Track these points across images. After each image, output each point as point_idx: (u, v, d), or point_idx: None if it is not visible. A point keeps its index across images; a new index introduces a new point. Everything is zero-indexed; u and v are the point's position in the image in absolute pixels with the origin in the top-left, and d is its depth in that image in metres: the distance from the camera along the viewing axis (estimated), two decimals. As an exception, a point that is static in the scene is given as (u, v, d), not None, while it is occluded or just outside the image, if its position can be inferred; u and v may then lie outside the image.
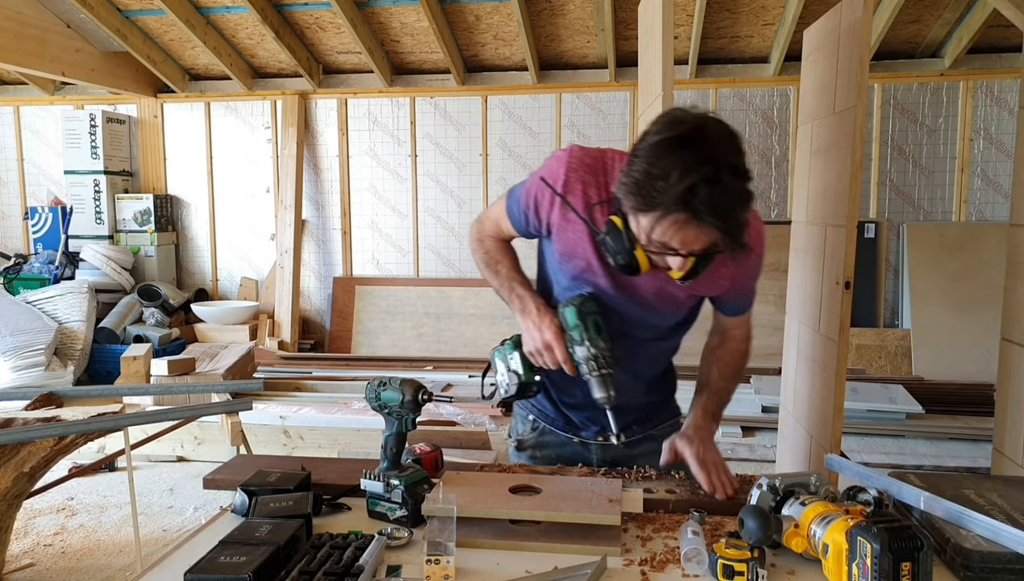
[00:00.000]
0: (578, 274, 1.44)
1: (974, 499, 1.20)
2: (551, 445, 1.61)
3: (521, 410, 1.67)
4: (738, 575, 1.03)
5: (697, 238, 1.19)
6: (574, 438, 1.59)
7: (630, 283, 1.40)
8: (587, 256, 1.41)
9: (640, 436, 1.58)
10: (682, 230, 1.18)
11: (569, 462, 1.57)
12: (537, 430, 1.62)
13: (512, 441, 1.67)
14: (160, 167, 6.26)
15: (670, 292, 1.43)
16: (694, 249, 1.21)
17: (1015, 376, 2.18)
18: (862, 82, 2.05)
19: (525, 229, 1.49)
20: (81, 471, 3.64)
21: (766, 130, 5.51)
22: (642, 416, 1.59)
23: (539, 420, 1.62)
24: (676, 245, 1.20)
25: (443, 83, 5.77)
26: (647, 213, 1.19)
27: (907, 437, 4.15)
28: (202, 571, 1.00)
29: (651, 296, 1.43)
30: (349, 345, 5.93)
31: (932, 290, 5.18)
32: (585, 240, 1.40)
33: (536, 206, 1.43)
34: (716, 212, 1.14)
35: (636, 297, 1.43)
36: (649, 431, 1.60)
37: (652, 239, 1.21)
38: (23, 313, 5.14)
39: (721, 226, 1.16)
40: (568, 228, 1.42)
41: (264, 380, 4.57)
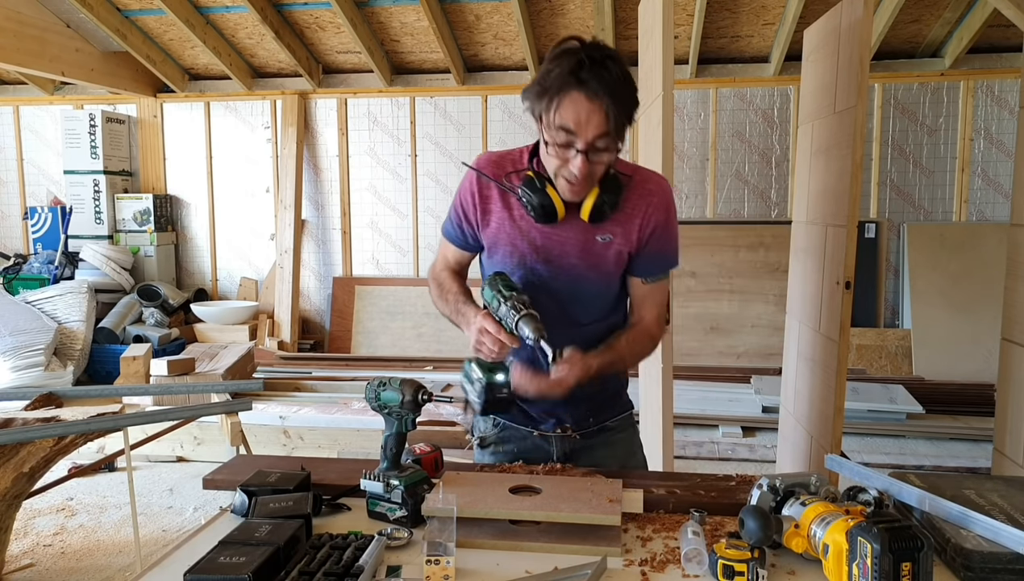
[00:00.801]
0: (507, 259, 1.54)
1: (974, 499, 1.20)
2: (512, 440, 1.63)
3: None
4: (738, 575, 1.03)
5: (590, 116, 1.34)
6: (534, 431, 1.61)
7: (557, 251, 1.50)
8: (511, 237, 1.53)
9: (595, 428, 1.61)
10: (575, 106, 1.34)
11: (530, 456, 1.59)
12: (498, 426, 1.65)
13: (475, 439, 1.69)
14: (160, 167, 6.26)
15: (594, 253, 1.50)
16: (589, 133, 1.35)
17: (1015, 376, 2.18)
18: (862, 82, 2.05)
19: (464, 241, 1.61)
20: (81, 471, 3.64)
21: (766, 130, 5.51)
22: (595, 407, 1.61)
23: (499, 417, 1.65)
24: (573, 125, 1.35)
25: (443, 83, 5.77)
26: (547, 102, 1.37)
27: (907, 437, 4.15)
28: (202, 571, 1.00)
29: (578, 262, 1.51)
30: (349, 345, 5.93)
31: (932, 290, 5.18)
32: (506, 221, 1.53)
33: (463, 210, 1.58)
34: (602, 84, 1.33)
35: (564, 267, 1.51)
36: (604, 422, 1.63)
37: (554, 128, 1.37)
38: (23, 313, 5.14)
39: (608, 101, 1.33)
40: (490, 218, 1.55)
41: (264, 380, 4.57)
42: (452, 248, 1.65)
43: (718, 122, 5.54)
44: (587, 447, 1.60)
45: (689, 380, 4.78)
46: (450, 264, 1.67)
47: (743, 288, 5.40)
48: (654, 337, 1.59)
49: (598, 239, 1.50)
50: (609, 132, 1.36)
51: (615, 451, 1.64)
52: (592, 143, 1.36)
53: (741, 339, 5.37)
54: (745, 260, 5.43)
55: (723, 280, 5.43)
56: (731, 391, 4.68)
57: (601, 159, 1.40)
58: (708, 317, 5.41)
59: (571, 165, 1.39)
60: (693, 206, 5.59)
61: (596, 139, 1.36)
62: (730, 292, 5.41)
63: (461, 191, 1.60)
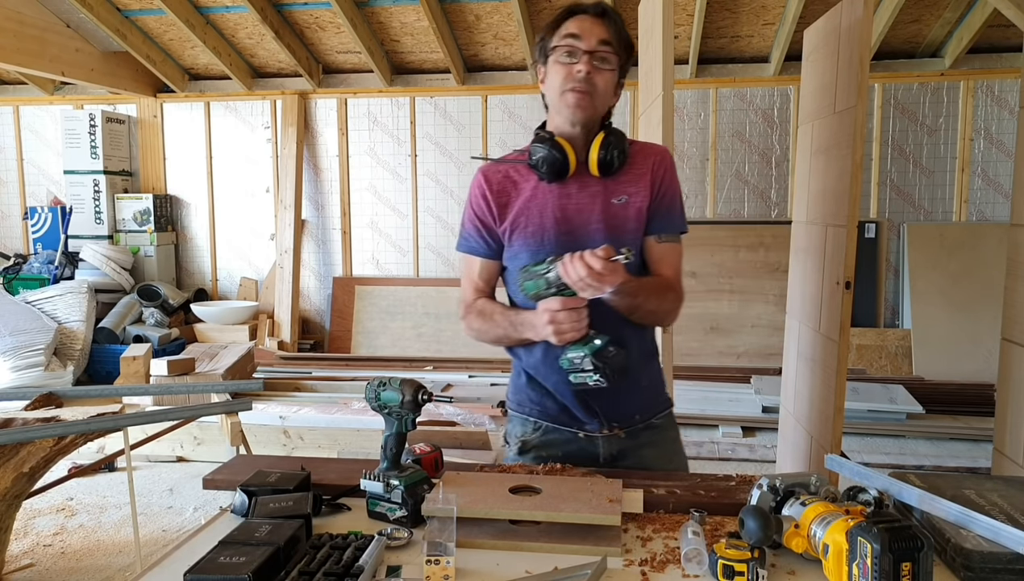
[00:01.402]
0: (530, 241, 1.53)
1: (974, 499, 1.19)
2: (556, 443, 1.60)
3: (520, 412, 1.65)
4: (738, 575, 1.03)
5: (592, 26, 1.47)
6: (579, 433, 1.58)
7: (578, 221, 1.52)
8: (530, 218, 1.53)
9: (641, 425, 1.59)
10: (579, 22, 1.49)
11: (576, 459, 1.56)
12: (540, 430, 1.61)
13: (513, 445, 1.64)
14: (160, 167, 6.26)
15: (614, 214, 1.52)
16: (592, 39, 1.46)
17: (1015, 376, 2.18)
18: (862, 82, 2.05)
19: (487, 248, 1.59)
20: (81, 471, 3.64)
21: (766, 130, 5.50)
22: (640, 403, 1.60)
23: (541, 420, 1.62)
24: (577, 30, 1.47)
25: (443, 83, 5.77)
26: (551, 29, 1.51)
27: (907, 437, 4.15)
28: (202, 571, 1.00)
29: (599, 227, 1.51)
30: (349, 345, 5.92)
31: (932, 290, 5.18)
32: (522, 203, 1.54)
33: (479, 214, 1.58)
34: (603, 9, 1.50)
35: (587, 235, 1.50)
36: (650, 420, 1.61)
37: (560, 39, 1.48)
38: (23, 313, 5.14)
39: (609, 20, 1.49)
40: (507, 209, 1.56)
41: (264, 380, 4.58)
42: (477, 262, 1.61)
43: (718, 122, 5.54)
44: (634, 447, 1.58)
45: (689, 380, 4.78)
46: (479, 286, 1.62)
47: (743, 288, 5.40)
48: (677, 292, 1.57)
49: (614, 202, 1.52)
50: (611, 42, 1.47)
51: (661, 451, 1.62)
52: (595, 48, 1.46)
53: (741, 339, 5.37)
54: (745, 260, 5.43)
55: (723, 280, 5.43)
56: (731, 391, 4.68)
57: (604, 67, 1.47)
58: (708, 317, 5.41)
59: (577, 67, 1.46)
60: (693, 206, 5.59)
61: (599, 44, 1.46)
62: (730, 292, 5.41)
63: (471, 198, 1.61)
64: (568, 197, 1.53)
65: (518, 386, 1.66)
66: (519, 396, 1.66)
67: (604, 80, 1.48)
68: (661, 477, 1.48)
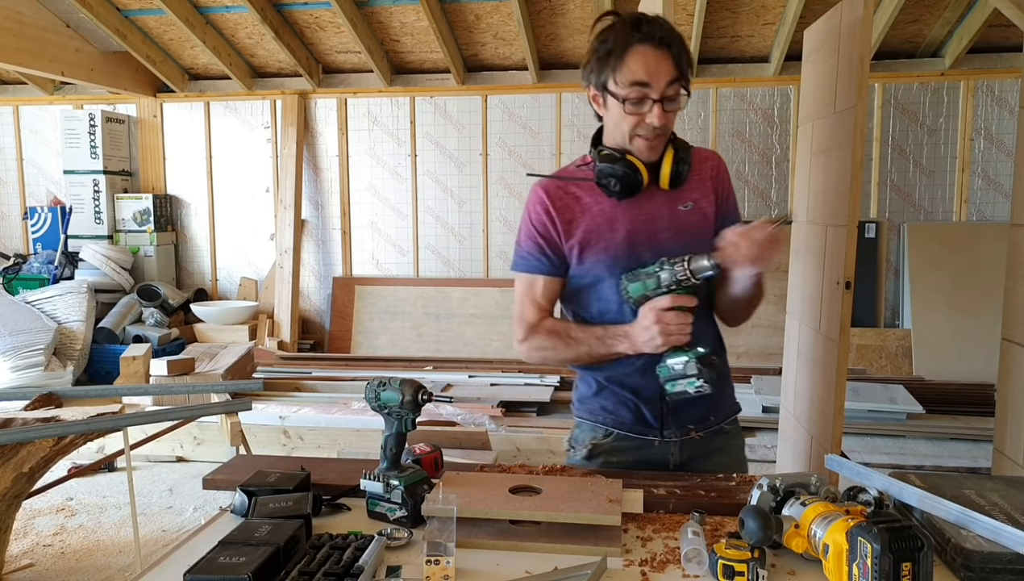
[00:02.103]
0: (603, 256, 1.51)
1: (975, 499, 1.19)
2: (627, 450, 1.58)
3: (590, 419, 1.63)
4: (738, 575, 1.03)
5: (659, 65, 1.40)
6: (655, 440, 1.57)
7: (647, 231, 1.50)
8: (602, 231, 1.51)
9: (715, 429, 1.60)
10: (644, 58, 1.40)
11: (647, 464, 1.56)
12: (611, 436, 1.60)
13: (581, 449, 1.62)
14: (159, 167, 6.26)
15: (682, 221, 1.52)
16: (662, 81, 1.40)
17: (1016, 376, 2.18)
18: (863, 82, 2.05)
19: (551, 266, 1.56)
20: (80, 471, 3.64)
21: (766, 130, 5.50)
22: (716, 405, 1.60)
23: (612, 428, 1.60)
24: (645, 76, 1.40)
25: (443, 83, 5.77)
26: (613, 62, 1.42)
27: (908, 437, 4.15)
28: (201, 571, 1.00)
29: (669, 237, 1.51)
30: (349, 345, 5.92)
31: (932, 290, 5.18)
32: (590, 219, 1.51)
33: (541, 230, 1.54)
34: (665, 34, 1.41)
35: (658, 245, 1.49)
36: (721, 423, 1.62)
37: (626, 86, 1.41)
38: (22, 313, 5.14)
39: (672, 47, 1.41)
40: (573, 226, 1.52)
41: (264, 380, 4.57)
42: (540, 281, 1.56)
43: (718, 122, 5.54)
44: (703, 454, 1.58)
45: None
46: (542, 306, 1.57)
47: (743, 288, 5.39)
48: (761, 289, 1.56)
49: (681, 208, 1.53)
50: (679, 78, 1.43)
51: (729, 458, 1.62)
52: (665, 92, 1.42)
53: (741, 339, 5.36)
54: (745, 260, 5.42)
55: (723, 280, 5.42)
56: (731, 391, 4.67)
57: (675, 107, 1.44)
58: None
59: (648, 118, 1.42)
60: (693, 206, 5.58)
61: (668, 86, 1.42)
62: (730, 292, 5.40)
63: (530, 215, 1.56)
64: (637, 209, 1.52)
65: (586, 395, 1.64)
66: (589, 405, 1.63)
67: (673, 116, 1.46)
68: (661, 477, 1.48)
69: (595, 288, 1.55)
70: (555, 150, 5.73)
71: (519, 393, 4.53)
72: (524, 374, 4.86)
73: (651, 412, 1.56)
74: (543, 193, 1.55)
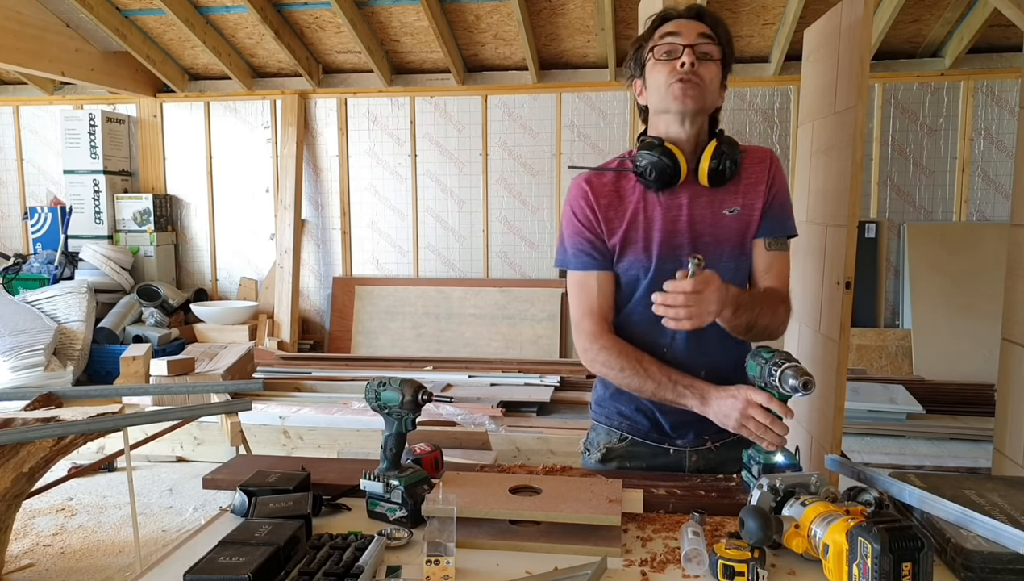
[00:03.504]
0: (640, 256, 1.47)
1: (975, 499, 1.19)
2: (642, 455, 1.57)
3: (606, 423, 1.62)
4: (738, 575, 1.03)
5: (691, 25, 1.43)
6: (670, 448, 1.55)
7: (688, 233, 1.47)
8: (639, 229, 1.48)
9: (734, 439, 1.53)
10: (677, 23, 1.45)
11: (660, 471, 1.55)
12: (626, 441, 1.58)
13: (595, 452, 1.61)
14: (159, 167, 6.26)
15: (725, 226, 1.48)
16: (692, 33, 1.42)
17: (1015, 376, 2.18)
18: (863, 82, 2.05)
19: (601, 260, 1.50)
20: (80, 471, 3.64)
21: (766, 130, 5.50)
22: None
23: (627, 434, 1.59)
24: (676, 28, 1.43)
25: (443, 83, 5.77)
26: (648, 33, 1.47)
27: (908, 437, 4.14)
28: (201, 571, 1.00)
29: (710, 240, 1.47)
30: (349, 345, 5.92)
31: (932, 290, 5.18)
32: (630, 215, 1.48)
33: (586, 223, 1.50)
34: (699, 10, 1.46)
35: (697, 248, 1.46)
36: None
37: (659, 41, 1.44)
38: (22, 313, 5.14)
39: (706, 19, 1.45)
40: (614, 223, 1.49)
41: (263, 380, 4.57)
42: (594, 276, 1.50)
43: (718, 122, 5.53)
44: (720, 463, 1.54)
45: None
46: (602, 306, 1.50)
47: (743, 288, 5.39)
48: (788, 304, 1.52)
49: (726, 213, 1.48)
50: (711, 36, 1.43)
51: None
52: (696, 41, 1.42)
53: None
54: (745, 260, 5.42)
55: (723, 280, 5.42)
56: (731, 391, 4.68)
57: (707, 61, 1.43)
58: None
59: (681, 59, 1.41)
60: (693, 206, 5.58)
61: (699, 38, 1.42)
62: (730, 292, 5.40)
63: (574, 210, 1.51)
64: (678, 209, 1.47)
65: (603, 397, 1.62)
66: (606, 409, 1.62)
67: (709, 72, 1.43)
68: (661, 477, 1.48)
69: (630, 288, 1.51)
70: (555, 150, 5.73)
71: (519, 393, 4.53)
72: (524, 374, 4.86)
73: (667, 420, 1.54)
74: (586, 186, 1.50)
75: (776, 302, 1.50)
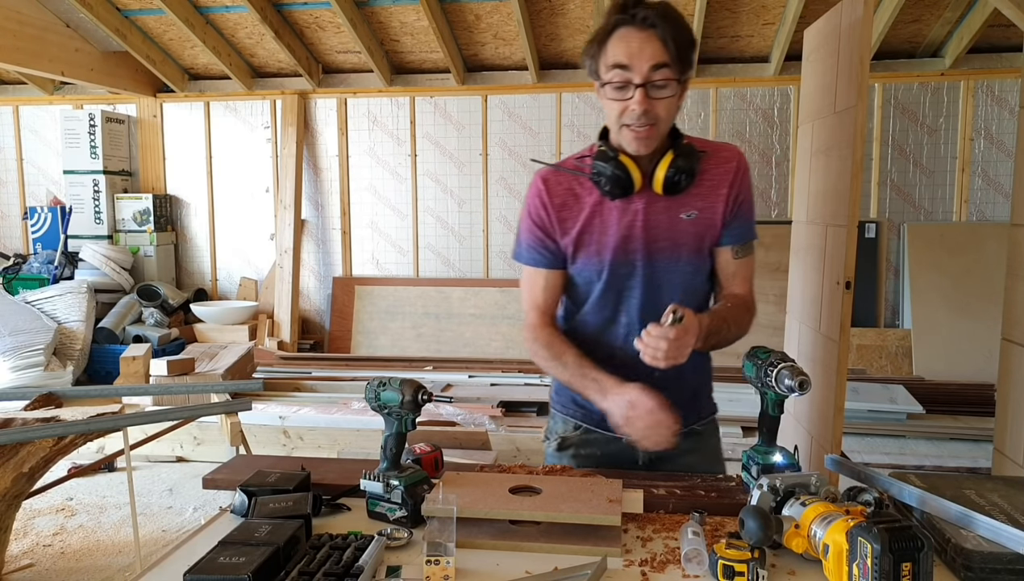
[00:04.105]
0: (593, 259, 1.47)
1: (975, 499, 1.19)
2: (596, 443, 1.58)
3: (562, 411, 1.64)
4: (738, 575, 1.03)
5: (642, 47, 1.31)
6: (622, 437, 1.54)
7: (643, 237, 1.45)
8: (594, 233, 1.47)
9: (684, 431, 1.50)
10: (626, 40, 1.32)
11: (615, 460, 1.55)
12: (580, 429, 1.60)
13: (552, 441, 1.63)
14: (159, 167, 6.26)
15: (681, 231, 1.46)
16: (644, 65, 1.31)
17: (1016, 376, 2.18)
18: (863, 82, 2.05)
19: (551, 258, 1.52)
20: (80, 471, 3.64)
21: (766, 130, 5.50)
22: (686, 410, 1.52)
23: (581, 422, 1.60)
24: (626, 59, 1.32)
25: (443, 83, 5.77)
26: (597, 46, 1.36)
27: (908, 437, 4.15)
28: (201, 571, 1.00)
29: (666, 245, 1.46)
30: (349, 345, 5.92)
31: (933, 290, 5.18)
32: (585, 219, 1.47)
33: (539, 222, 1.51)
34: (652, 13, 1.31)
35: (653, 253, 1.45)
36: (692, 425, 1.58)
37: (608, 69, 1.35)
38: (22, 313, 5.14)
39: (660, 27, 1.31)
40: (568, 223, 1.48)
41: (263, 380, 4.57)
42: (542, 273, 1.53)
43: (718, 122, 5.54)
44: (675, 453, 1.51)
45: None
46: (545, 300, 1.54)
47: (743, 288, 5.39)
48: (751, 308, 1.52)
49: (683, 217, 1.45)
50: (667, 62, 1.32)
51: (701, 458, 1.59)
52: (649, 77, 1.32)
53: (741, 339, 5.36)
54: (745, 260, 5.42)
55: (723, 280, 5.42)
56: (731, 391, 4.67)
57: (662, 94, 1.34)
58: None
59: (631, 106, 1.33)
60: (693, 206, 5.58)
61: (652, 71, 1.31)
62: (730, 292, 5.40)
63: (530, 206, 1.52)
64: (633, 214, 1.46)
65: (560, 387, 1.62)
66: (562, 398, 1.64)
67: (665, 106, 1.35)
68: (661, 477, 1.48)
69: (585, 290, 1.53)
70: (555, 150, 5.73)
71: (519, 393, 4.53)
72: (524, 374, 4.86)
73: None
74: (542, 184, 1.51)
75: (742, 312, 1.51)
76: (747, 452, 1.37)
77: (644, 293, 1.48)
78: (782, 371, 1.27)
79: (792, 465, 1.30)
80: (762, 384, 1.32)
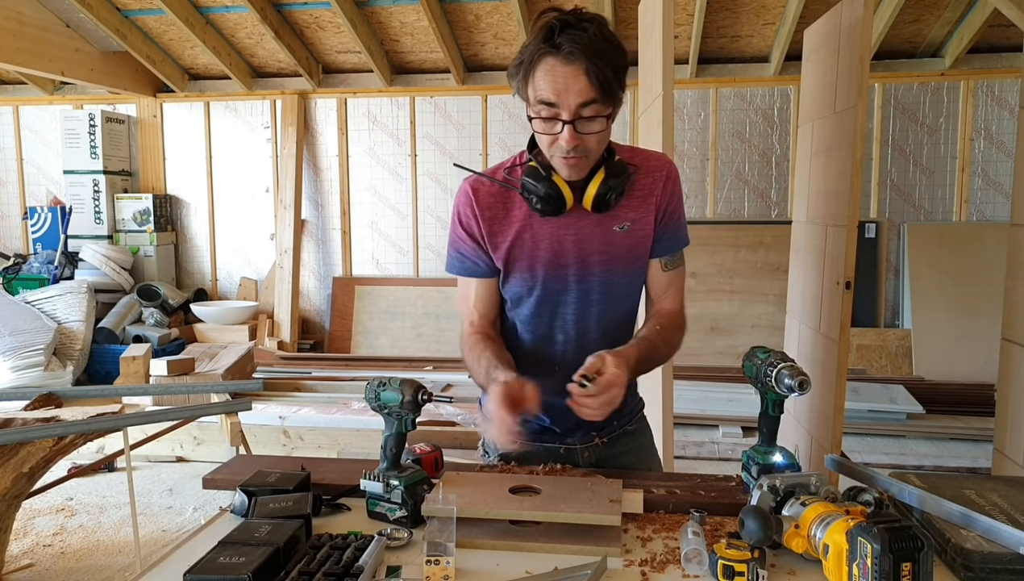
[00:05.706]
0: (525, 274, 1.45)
1: (975, 499, 1.19)
2: (537, 455, 1.56)
3: None
4: (738, 575, 1.02)
5: (567, 82, 1.25)
6: (560, 447, 1.56)
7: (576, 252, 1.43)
8: (525, 248, 1.45)
9: (619, 432, 1.58)
10: (552, 74, 1.26)
11: None
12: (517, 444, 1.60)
13: (493, 455, 1.61)
14: (159, 167, 6.26)
15: (615, 244, 1.44)
16: (572, 101, 1.26)
17: (1016, 376, 2.18)
18: (863, 82, 2.05)
19: (479, 267, 1.49)
20: (80, 471, 3.64)
21: (766, 130, 5.50)
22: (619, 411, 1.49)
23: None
24: (553, 96, 1.26)
25: (443, 83, 5.77)
26: (523, 76, 1.30)
27: (908, 437, 4.15)
28: (201, 571, 1.00)
29: (600, 258, 1.44)
30: (349, 345, 5.92)
31: (933, 290, 5.18)
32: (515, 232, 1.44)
33: (467, 231, 1.47)
34: (578, 45, 1.23)
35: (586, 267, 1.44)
36: (626, 425, 1.60)
37: (535, 104, 1.29)
38: (22, 313, 5.14)
39: (587, 61, 1.23)
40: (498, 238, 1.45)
41: (263, 380, 4.57)
42: (472, 283, 1.51)
43: (718, 122, 5.54)
44: (613, 455, 1.56)
45: (689, 380, 4.78)
46: (478, 308, 1.52)
47: (743, 288, 5.40)
48: (681, 325, 1.51)
49: (616, 229, 1.43)
50: (595, 97, 1.26)
51: (638, 456, 1.60)
52: (577, 112, 1.27)
53: (741, 339, 5.36)
54: (745, 260, 5.43)
55: (723, 280, 5.43)
56: (731, 391, 4.68)
57: (591, 129, 1.30)
58: (708, 317, 5.41)
59: (560, 140, 1.30)
60: (693, 206, 5.59)
61: (580, 107, 1.27)
62: (730, 292, 5.41)
63: (459, 214, 1.49)
64: (565, 228, 1.43)
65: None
66: None
67: (595, 139, 1.32)
68: (661, 477, 1.48)
69: (517, 304, 1.51)
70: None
71: (519, 393, 4.52)
72: (524, 374, 4.85)
73: (555, 422, 1.54)
74: (471, 192, 1.47)
75: (673, 331, 1.49)
76: (747, 452, 1.37)
77: (577, 308, 1.46)
78: (782, 371, 1.27)
79: (792, 465, 1.30)
80: (762, 384, 1.32)
